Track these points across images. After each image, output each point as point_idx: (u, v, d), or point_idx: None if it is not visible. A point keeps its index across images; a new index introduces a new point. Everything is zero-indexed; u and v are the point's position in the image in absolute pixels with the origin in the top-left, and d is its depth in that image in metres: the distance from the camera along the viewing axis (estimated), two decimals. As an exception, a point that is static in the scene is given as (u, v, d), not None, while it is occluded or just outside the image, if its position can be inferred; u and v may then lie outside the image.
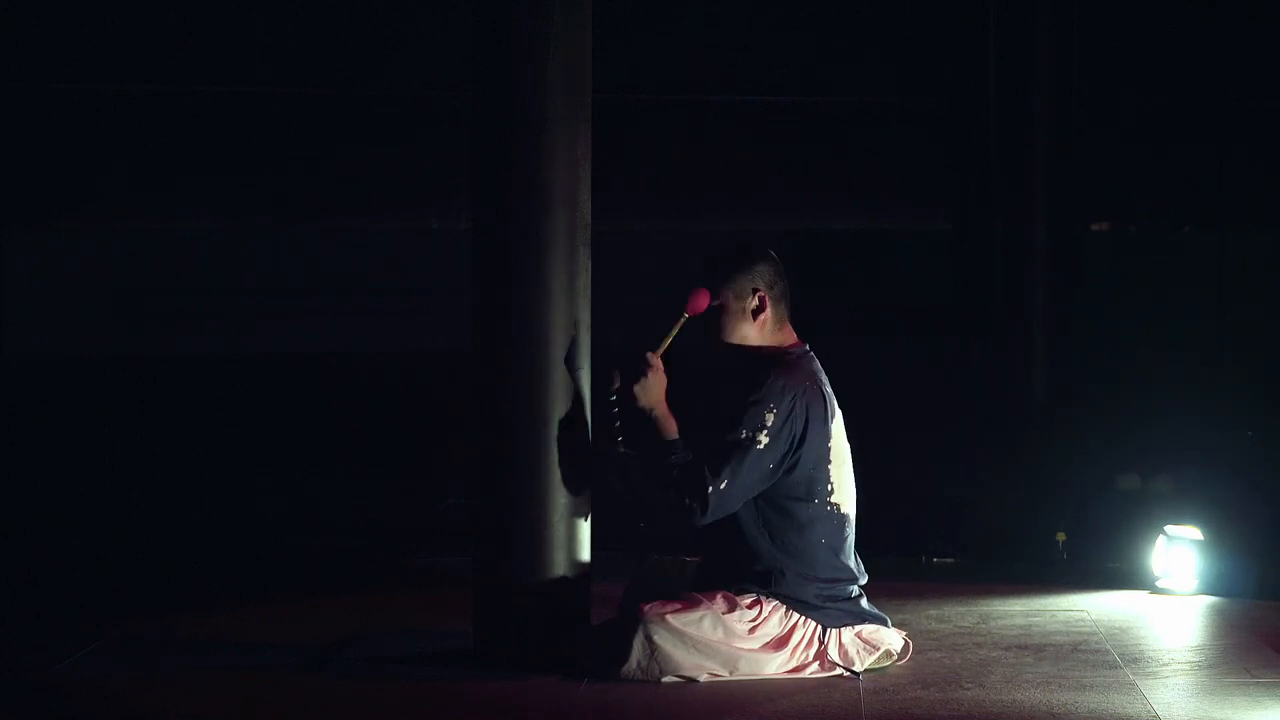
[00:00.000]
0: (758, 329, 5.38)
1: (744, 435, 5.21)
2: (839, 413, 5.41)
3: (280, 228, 11.13)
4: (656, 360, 5.34)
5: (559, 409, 5.36)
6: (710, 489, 5.19)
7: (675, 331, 5.36)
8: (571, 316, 5.39)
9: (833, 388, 5.42)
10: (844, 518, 5.40)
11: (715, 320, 5.38)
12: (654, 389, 5.32)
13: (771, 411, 5.23)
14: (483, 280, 5.43)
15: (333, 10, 10.90)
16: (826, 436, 5.33)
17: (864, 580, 5.45)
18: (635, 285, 8.53)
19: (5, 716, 5.00)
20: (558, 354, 5.37)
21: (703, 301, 5.35)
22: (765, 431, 5.22)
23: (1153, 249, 11.34)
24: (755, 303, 5.37)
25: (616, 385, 5.36)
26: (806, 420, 5.27)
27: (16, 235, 10.76)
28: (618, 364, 5.39)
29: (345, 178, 11.00)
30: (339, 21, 10.89)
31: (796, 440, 5.27)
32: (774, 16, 11.09)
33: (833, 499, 5.36)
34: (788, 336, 5.43)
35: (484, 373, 5.43)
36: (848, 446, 5.43)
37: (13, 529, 7.90)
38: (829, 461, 5.34)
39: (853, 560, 5.43)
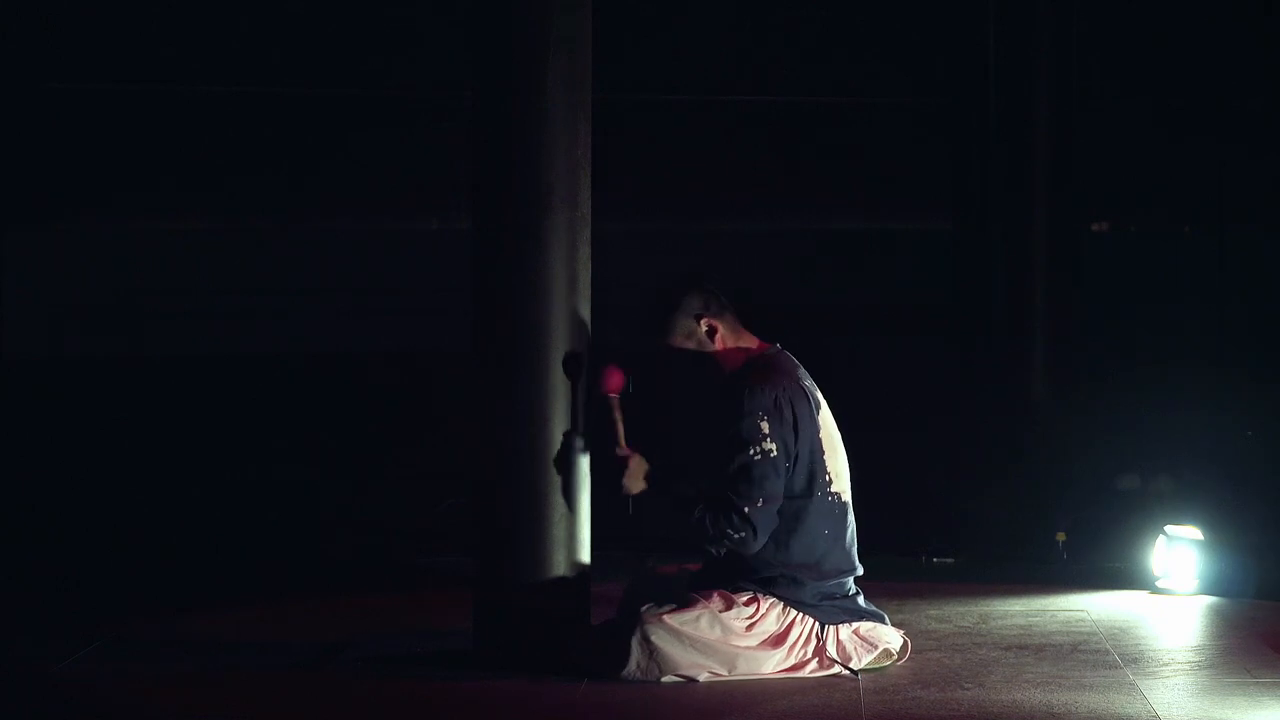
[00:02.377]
0: (720, 345, 5.43)
1: (754, 453, 5.24)
2: (824, 403, 5.43)
3: (281, 228, 11.13)
4: (625, 449, 5.40)
5: (559, 409, 5.36)
6: (747, 509, 5.23)
7: (617, 414, 5.39)
8: (572, 317, 5.39)
9: (833, 387, 5.45)
10: (844, 506, 5.41)
11: (684, 358, 5.43)
12: (639, 474, 5.39)
13: (764, 419, 5.26)
14: (483, 280, 5.42)
15: (333, 10, 10.89)
16: (816, 428, 5.36)
17: (859, 572, 5.46)
18: (635, 285, 8.52)
19: (5, 716, 5.00)
20: (558, 354, 5.37)
21: (616, 379, 5.40)
22: (768, 439, 5.25)
23: (1153, 249, 11.34)
24: (705, 329, 5.41)
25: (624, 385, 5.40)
26: (795, 416, 5.30)
27: (16, 235, 10.76)
28: (620, 362, 5.41)
29: (345, 178, 10.99)
30: (339, 21, 10.88)
31: (792, 439, 5.29)
32: (775, 17, 11.09)
33: (833, 489, 5.38)
34: (749, 340, 5.46)
35: (484, 373, 5.43)
36: (839, 435, 5.46)
37: (13, 529, 7.90)
38: (824, 453, 5.37)
39: (854, 550, 5.44)
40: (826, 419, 5.42)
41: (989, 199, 10.07)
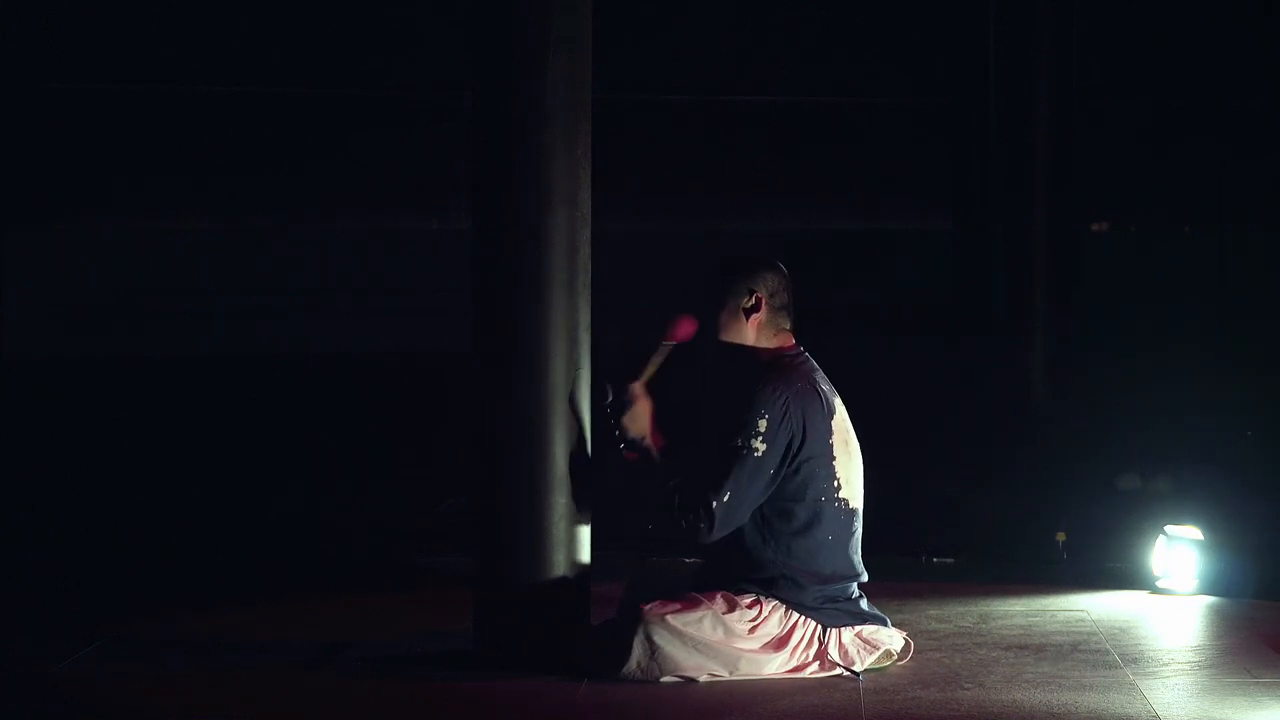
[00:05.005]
0: (752, 330, 5.37)
1: (740, 447, 5.20)
2: (840, 408, 5.39)
3: (281, 228, 11.14)
4: (640, 389, 5.36)
5: (559, 409, 5.36)
6: (714, 503, 5.20)
7: (659, 359, 5.37)
8: (572, 317, 5.39)
9: (833, 387, 5.41)
10: (852, 513, 5.38)
11: (713, 318, 5.38)
12: (641, 418, 5.35)
13: (764, 418, 5.22)
14: (482, 280, 5.42)
15: (333, 10, 10.90)
16: (828, 433, 5.32)
17: (864, 578, 5.44)
18: (635, 285, 8.53)
19: (5, 716, 5.00)
20: (558, 354, 5.37)
21: (686, 329, 5.36)
22: (760, 438, 5.21)
23: (1153, 249, 11.35)
24: (750, 302, 5.36)
25: (609, 400, 5.37)
26: (804, 420, 5.26)
27: (16, 235, 10.77)
28: (610, 378, 5.40)
29: (345, 178, 11.01)
30: (339, 21, 10.90)
31: (796, 442, 5.26)
32: (775, 17, 11.10)
33: (840, 495, 5.34)
34: (784, 339, 5.42)
35: (484, 373, 5.43)
36: (855, 441, 5.42)
37: (13, 529, 7.90)
38: (833, 458, 5.33)
39: (858, 555, 5.42)
40: (841, 424, 5.38)
41: (989, 199, 10.09)
